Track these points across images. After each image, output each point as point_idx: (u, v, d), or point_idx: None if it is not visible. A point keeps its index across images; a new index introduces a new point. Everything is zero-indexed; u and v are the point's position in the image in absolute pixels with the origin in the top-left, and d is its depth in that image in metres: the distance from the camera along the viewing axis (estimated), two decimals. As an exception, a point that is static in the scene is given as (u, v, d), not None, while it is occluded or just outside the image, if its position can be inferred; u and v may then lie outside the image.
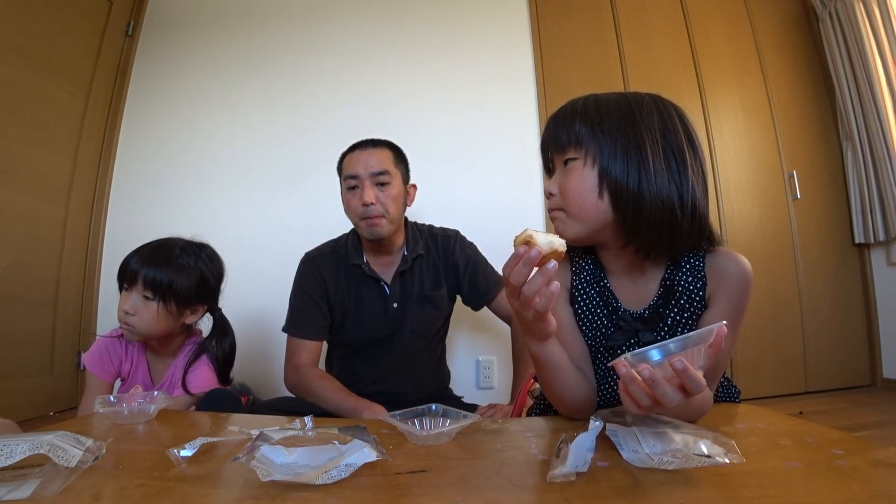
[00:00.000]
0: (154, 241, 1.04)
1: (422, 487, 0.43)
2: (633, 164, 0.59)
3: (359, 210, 1.10)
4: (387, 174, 1.12)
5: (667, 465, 0.42)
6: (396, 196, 1.12)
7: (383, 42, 2.21)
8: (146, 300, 0.98)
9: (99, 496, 0.42)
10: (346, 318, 1.16)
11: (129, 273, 0.99)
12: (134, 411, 0.69)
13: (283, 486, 0.43)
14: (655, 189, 0.58)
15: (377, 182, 1.10)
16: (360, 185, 1.11)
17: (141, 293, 0.98)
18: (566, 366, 0.62)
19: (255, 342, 1.82)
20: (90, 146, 2.07)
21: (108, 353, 1.03)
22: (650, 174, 0.58)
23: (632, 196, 0.59)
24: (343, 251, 1.19)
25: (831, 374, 2.07)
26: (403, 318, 1.16)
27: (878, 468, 0.44)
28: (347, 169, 1.13)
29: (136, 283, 0.98)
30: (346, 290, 1.16)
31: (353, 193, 1.12)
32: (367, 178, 1.10)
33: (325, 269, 1.17)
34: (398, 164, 1.17)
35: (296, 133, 2.15)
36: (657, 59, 2.20)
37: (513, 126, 2.12)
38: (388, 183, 1.12)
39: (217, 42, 2.26)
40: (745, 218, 2.11)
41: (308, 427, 0.60)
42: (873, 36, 2.01)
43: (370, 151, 1.14)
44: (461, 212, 2.04)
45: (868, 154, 2.07)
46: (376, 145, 1.17)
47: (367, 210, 1.08)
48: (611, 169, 0.60)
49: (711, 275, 0.63)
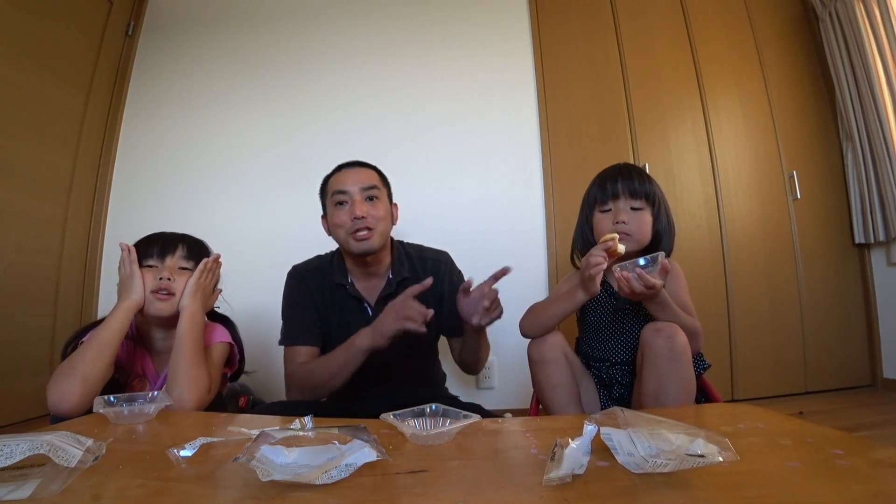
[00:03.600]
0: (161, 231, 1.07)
1: (422, 487, 0.43)
2: (666, 217, 1.08)
3: (348, 225, 1.08)
4: (376, 188, 1.12)
5: (662, 468, 0.42)
6: (385, 212, 1.13)
7: (384, 43, 2.21)
8: (181, 271, 0.99)
9: (99, 496, 0.42)
10: (330, 336, 1.15)
11: (165, 243, 1.00)
12: (134, 411, 0.70)
13: (282, 486, 0.43)
14: (671, 233, 1.08)
15: (367, 196, 1.10)
16: (349, 201, 1.10)
17: (177, 264, 0.99)
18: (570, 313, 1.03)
19: (255, 342, 1.81)
20: (90, 146, 2.07)
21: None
22: (671, 224, 1.09)
23: (663, 237, 1.07)
24: (328, 269, 1.19)
25: (831, 374, 2.07)
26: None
27: (878, 468, 0.44)
28: (335, 185, 1.13)
29: (173, 252, 1.00)
30: (330, 307, 1.16)
31: (341, 209, 1.10)
32: (358, 193, 1.10)
33: (313, 283, 1.17)
34: (384, 185, 1.18)
35: (296, 133, 2.15)
36: (657, 60, 2.20)
37: (513, 127, 2.12)
38: (377, 198, 1.12)
39: (217, 42, 2.26)
40: (745, 218, 2.11)
41: (308, 427, 0.60)
42: (873, 36, 2.01)
43: (358, 169, 1.15)
44: (461, 212, 2.04)
45: (868, 154, 2.07)
46: (364, 165, 1.18)
47: (356, 223, 1.07)
48: (661, 220, 1.07)
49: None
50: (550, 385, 0.99)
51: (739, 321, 2.02)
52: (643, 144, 2.11)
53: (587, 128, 2.12)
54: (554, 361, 0.99)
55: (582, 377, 1.06)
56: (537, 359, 1.01)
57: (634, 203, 1.03)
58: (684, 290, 1.04)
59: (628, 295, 0.91)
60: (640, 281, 0.88)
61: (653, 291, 0.89)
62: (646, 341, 0.91)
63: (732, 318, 2.02)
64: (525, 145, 2.10)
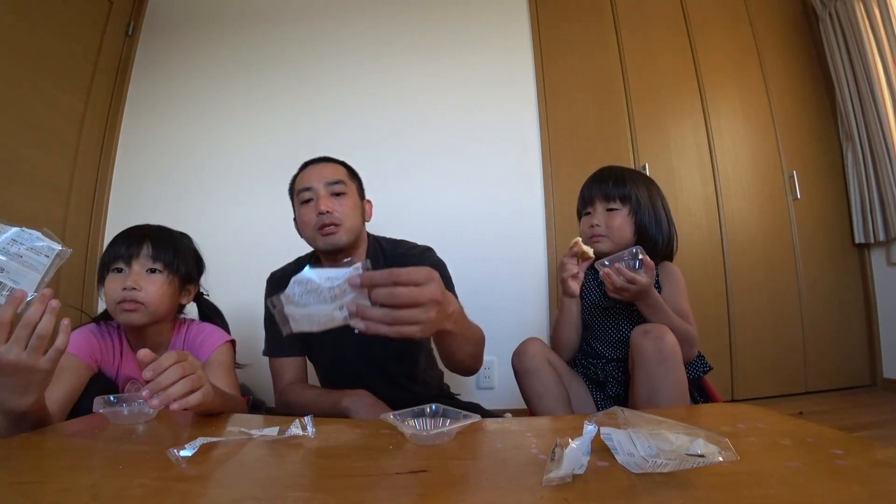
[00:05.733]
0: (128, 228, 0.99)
1: (422, 487, 0.43)
2: (653, 217, 1.09)
3: (314, 221, 1.06)
4: (342, 184, 1.10)
5: (662, 468, 0.42)
6: (353, 207, 1.10)
7: (384, 44, 2.21)
8: (150, 274, 0.92)
9: (99, 496, 0.42)
10: (313, 339, 1.14)
11: (128, 249, 0.92)
12: (134, 411, 0.69)
13: (283, 486, 0.43)
14: (662, 233, 1.09)
15: (333, 192, 1.08)
16: (314, 197, 1.08)
17: (144, 267, 0.92)
18: (575, 317, 1.12)
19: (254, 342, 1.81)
20: (90, 146, 2.07)
21: (94, 338, 0.95)
22: (661, 224, 1.09)
23: (651, 236, 1.08)
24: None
25: (831, 374, 2.07)
26: (370, 347, 1.10)
27: (878, 468, 0.44)
28: (301, 183, 1.11)
29: (137, 257, 0.91)
30: None
31: (307, 207, 1.08)
32: (323, 189, 1.07)
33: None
34: (352, 179, 1.15)
35: (295, 133, 2.14)
36: (657, 60, 2.19)
37: (513, 127, 2.12)
38: (343, 193, 1.09)
39: (217, 42, 2.26)
40: (745, 218, 2.11)
41: (308, 427, 0.60)
42: (873, 36, 2.01)
43: (323, 165, 1.13)
44: (461, 212, 2.04)
45: (868, 154, 2.07)
46: (329, 160, 1.16)
47: (322, 219, 1.05)
48: (643, 220, 1.08)
49: (661, 273, 1.07)
50: (537, 394, 1.01)
51: (739, 321, 2.02)
52: (643, 144, 2.11)
53: (587, 128, 2.12)
54: (537, 371, 1.01)
55: (570, 381, 1.06)
56: (520, 370, 1.04)
57: (610, 205, 1.09)
58: (682, 296, 1.05)
59: (614, 292, 0.95)
60: (619, 275, 0.91)
61: (637, 287, 0.91)
62: (635, 344, 0.91)
63: (732, 318, 2.02)
64: (525, 145, 2.10)
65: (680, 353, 0.89)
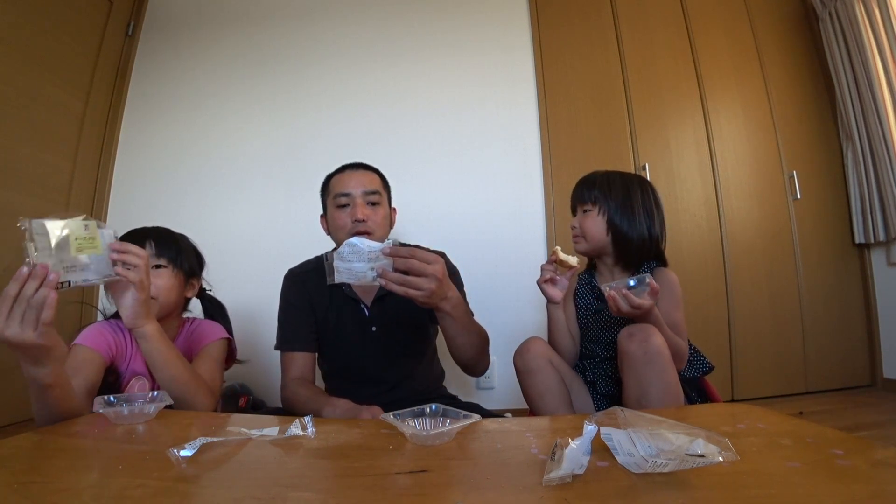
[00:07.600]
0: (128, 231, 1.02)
1: (422, 487, 0.43)
2: (626, 217, 1.07)
3: (348, 227, 1.09)
4: (378, 194, 1.13)
5: (662, 468, 0.42)
6: (385, 216, 1.14)
7: (384, 44, 2.21)
8: (156, 270, 0.96)
9: (99, 496, 0.42)
10: (326, 337, 1.16)
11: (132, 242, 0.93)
12: (134, 411, 0.69)
13: (283, 486, 0.43)
14: (636, 231, 1.07)
15: (369, 201, 1.11)
16: (351, 203, 1.10)
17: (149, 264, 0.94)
18: (562, 324, 1.13)
19: (255, 342, 1.81)
20: (90, 146, 2.07)
21: (109, 334, 0.98)
22: (634, 223, 1.07)
23: (623, 234, 1.08)
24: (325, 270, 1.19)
25: (831, 374, 2.07)
26: (384, 342, 1.15)
27: (878, 468, 0.44)
28: (338, 187, 1.13)
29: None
30: (328, 307, 1.16)
31: (342, 211, 1.11)
32: (360, 197, 1.10)
33: (310, 284, 1.17)
34: (385, 189, 1.19)
35: (295, 133, 2.15)
36: (657, 60, 2.19)
37: (514, 127, 2.12)
38: (378, 203, 1.13)
39: (217, 42, 2.26)
40: (745, 218, 2.11)
41: (308, 427, 0.60)
42: (873, 36, 2.01)
43: (362, 172, 1.16)
44: (461, 212, 2.04)
45: (868, 154, 2.07)
46: (367, 168, 1.18)
47: (357, 226, 1.08)
48: (613, 219, 1.08)
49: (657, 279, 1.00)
50: (538, 393, 1.01)
51: (739, 321, 2.02)
52: (643, 145, 2.11)
53: (587, 128, 2.12)
54: (539, 370, 1.01)
55: (572, 381, 1.06)
56: (522, 368, 1.03)
57: (584, 207, 1.13)
58: (677, 306, 1.04)
59: (618, 314, 0.93)
60: (626, 300, 0.90)
61: (640, 311, 0.91)
62: (621, 348, 0.91)
63: (732, 318, 2.02)
64: (525, 145, 2.10)
65: (667, 354, 0.88)
